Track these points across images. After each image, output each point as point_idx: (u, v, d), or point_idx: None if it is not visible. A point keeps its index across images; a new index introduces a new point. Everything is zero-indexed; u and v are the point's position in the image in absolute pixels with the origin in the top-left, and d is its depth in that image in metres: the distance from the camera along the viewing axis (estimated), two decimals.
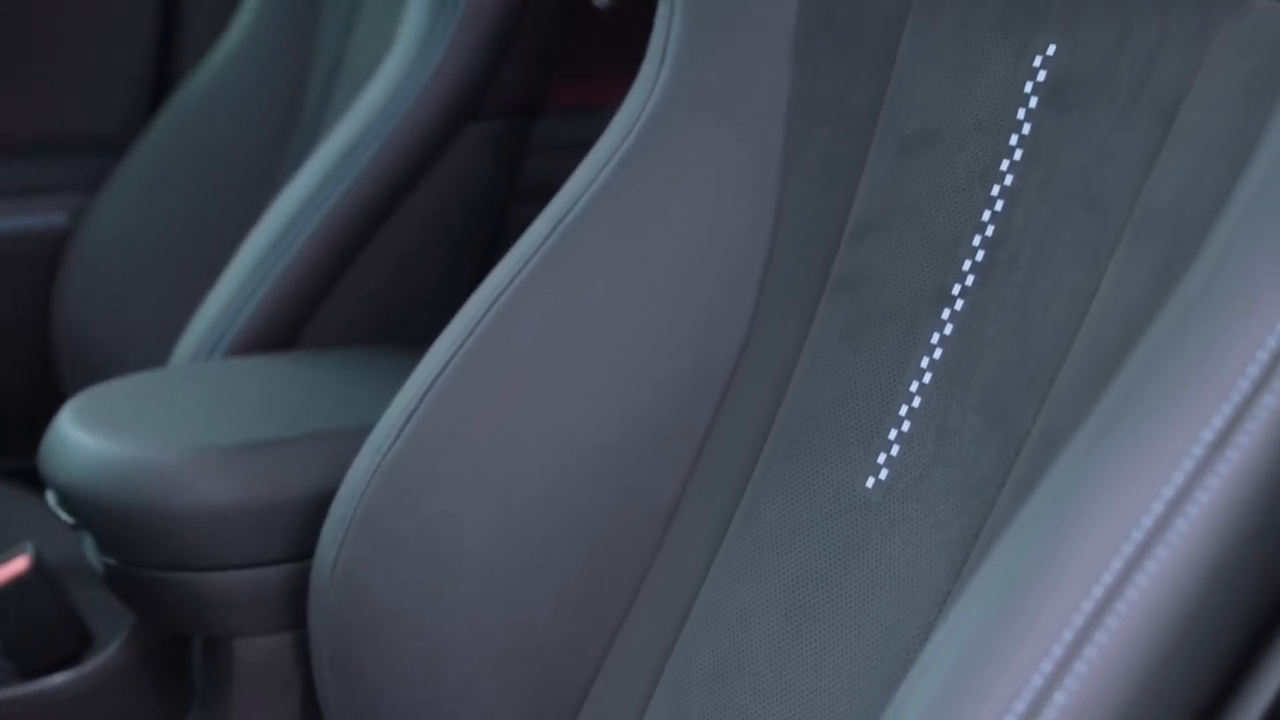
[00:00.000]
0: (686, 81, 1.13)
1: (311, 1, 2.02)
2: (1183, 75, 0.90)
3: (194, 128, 2.06)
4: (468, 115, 1.63)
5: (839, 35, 1.10)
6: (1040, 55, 0.99)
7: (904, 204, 1.04)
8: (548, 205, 1.16)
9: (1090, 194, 0.93)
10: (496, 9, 1.61)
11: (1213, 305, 0.74)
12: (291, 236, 1.61)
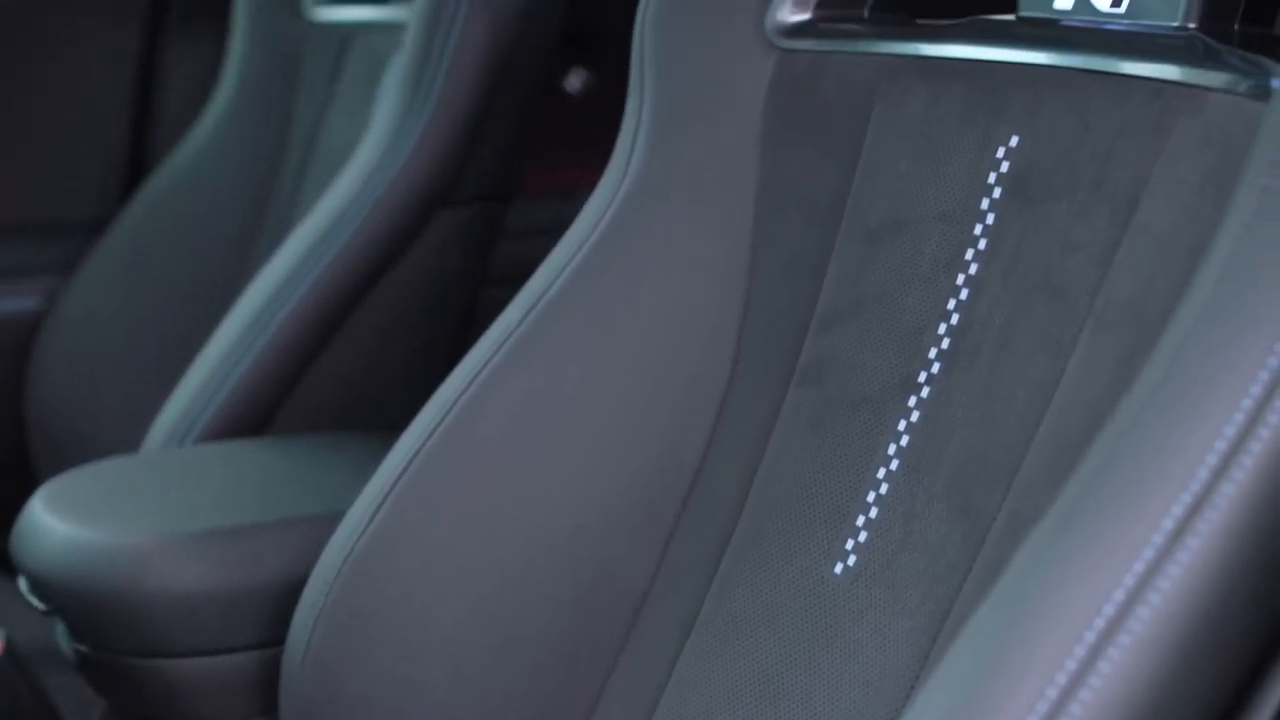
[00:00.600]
0: (657, 170, 1.15)
1: (286, 87, 2.03)
2: (1142, 167, 0.92)
3: (168, 211, 2.07)
4: (440, 201, 1.64)
5: (805, 126, 1.11)
6: (1003, 146, 1.00)
7: (870, 293, 1.06)
8: (521, 291, 1.17)
9: (1052, 285, 0.95)
10: (469, 96, 1.63)
11: (1172, 395, 0.75)
12: (265, 322, 1.61)
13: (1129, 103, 0.94)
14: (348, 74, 1.96)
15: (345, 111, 1.94)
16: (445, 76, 1.61)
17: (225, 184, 2.04)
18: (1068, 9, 1.02)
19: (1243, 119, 0.86)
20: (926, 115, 1.05)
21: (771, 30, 1.13)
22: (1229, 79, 0.89)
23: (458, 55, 1.61)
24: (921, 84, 1.06)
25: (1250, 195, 0.77)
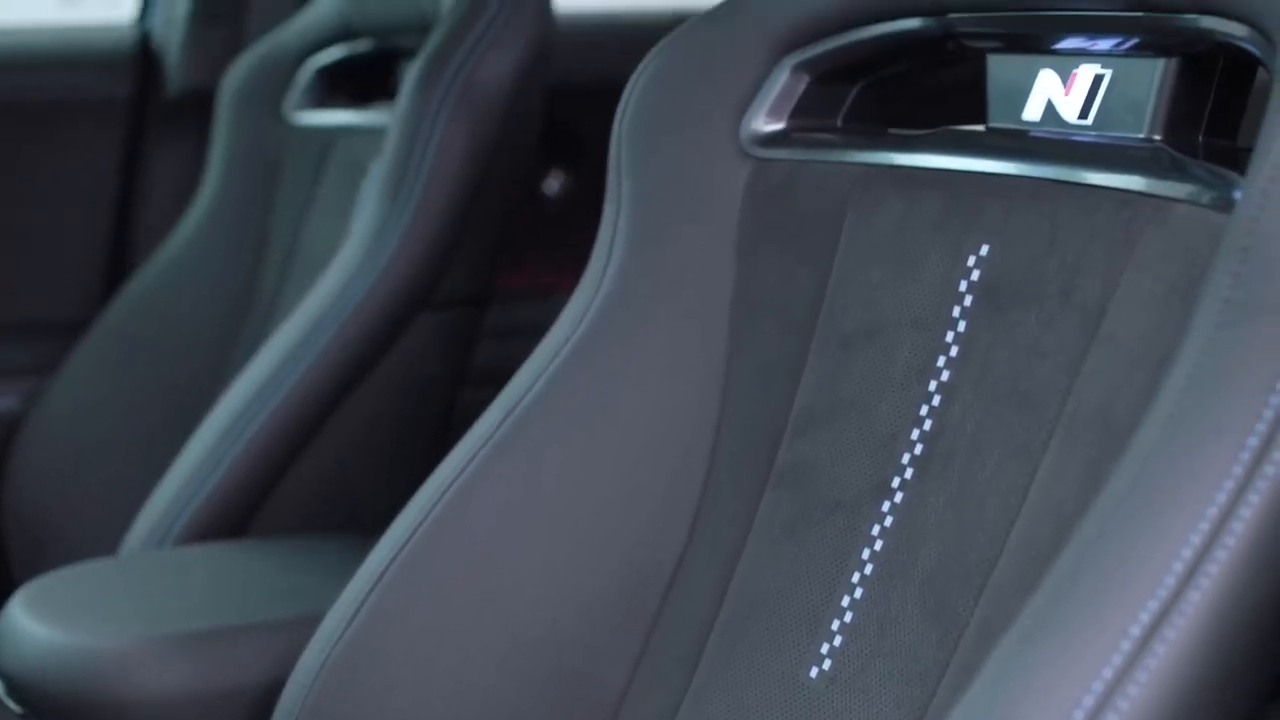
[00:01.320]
0: (634, 275, 1.16)
1: (267, 190, 2.05)
2: (1109, 278, 0.93)
3: (149, 313, 2.08)
4: (420, 305, 1.65)
5: (780, 233, 1.13)
6: (974, 255, 1.02)
7: (845, 398, 1.07)
8: (499, 395, 1.18)
9: (1022, 392, 0.96)
10: (449, 202, 1.64)
11: (1138, 505, 0.76)
12: (244, 424, 1.62)
13: (1097, 213, 0.96)
14: (328, 178, 1.98)
15: (326, 215, 1.96)
16: (425, 182, 1.63)
17: (206, 286, 2.05)
18: (1036, 120, 1.04)
19: (1206, 230, 0.88)
20: (899, 224, 1.07)
21: (746, 139, 1.15)
22: (1193, 190, 0.91)
23: (438, 161, 1.63)
24: (894, 193, 1.08)
25: (1213, 307, 0.79)
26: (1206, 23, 0.91)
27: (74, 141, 2.30)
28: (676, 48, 1.18)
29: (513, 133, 1.69)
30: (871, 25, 1.11)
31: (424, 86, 1.65)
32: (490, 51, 1.66)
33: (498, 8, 1.68)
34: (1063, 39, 1.01)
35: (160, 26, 2.37)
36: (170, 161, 2.31)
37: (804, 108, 1.15)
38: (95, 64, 2.33)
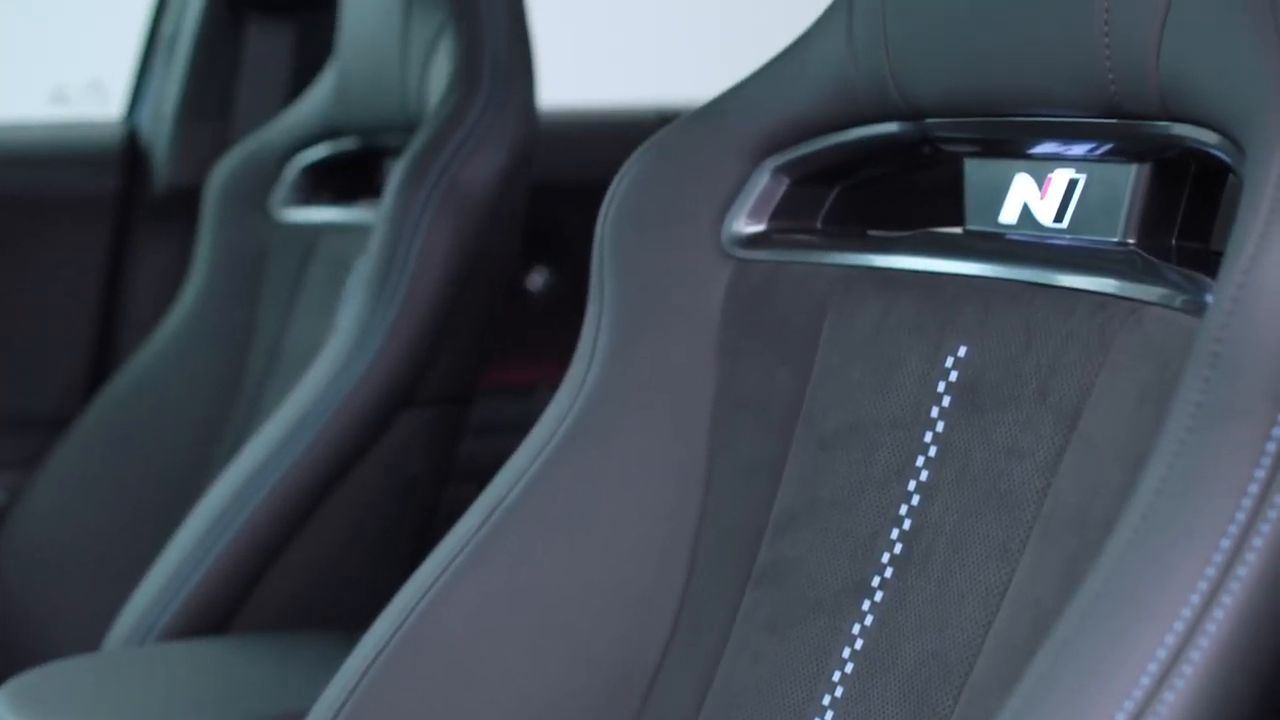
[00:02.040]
0: (616, 375, 1.18)
1: (251, 287, 2.07)
2: (1085, 378, 0.95)
3: (133, 409, 2.09)
4: (403, 403, 1.66)
5: (761, 334, 1.14)
6: (952, 356, 1.03)
7: (825, 497, 1.08)
8: (482, 494, 1.19)
9: (1000, 491, 0.97)
10: (434, 300, 1.66)
11: (1114, 604, 0.77)
12: (227, 522, 1.63)
13: (1073, 315, 0.97)
14: (313, 275, 1.99)
15: (310, 312, 1.97)
16: (410, 280, 1.64)
17: (191, 382, 2.06)
18: (1013, 223, 1.05)
19: (1179, 334, 0.89)
20: (878, 325, 1.08)
21: (728, 241, 1.17)
22: (1166, 294, 0.92)
23: (422, 259, 1.65)
24: (873, 294, 1.09)
25: (1185, 410, 0.80)
26: (1178, 130, 0.93)
27: (60, 237, 2.31)
28: (659, 150, 1.19)
29: (497, 231, 1.71)
30: (850, 129, 1.13)
31: (409, 186, 1.67)
32: (475, 151, 1.68)
33: (482, 108, 1.70)
34: (1038, 144, 1.03)
35: (148, 123, 2.39)
36: (156, 257, 2.33)
37: (784, 209, 1.17)
38: (83, 160, 2.35)
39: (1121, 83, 0.93)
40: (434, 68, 1.77)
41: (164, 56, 2.40)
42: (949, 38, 1.02)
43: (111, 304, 2.32)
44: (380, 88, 1.88)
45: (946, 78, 1.04)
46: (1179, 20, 0.90)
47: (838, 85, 1.11)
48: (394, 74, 1.85)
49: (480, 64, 1.72)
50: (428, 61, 1.78)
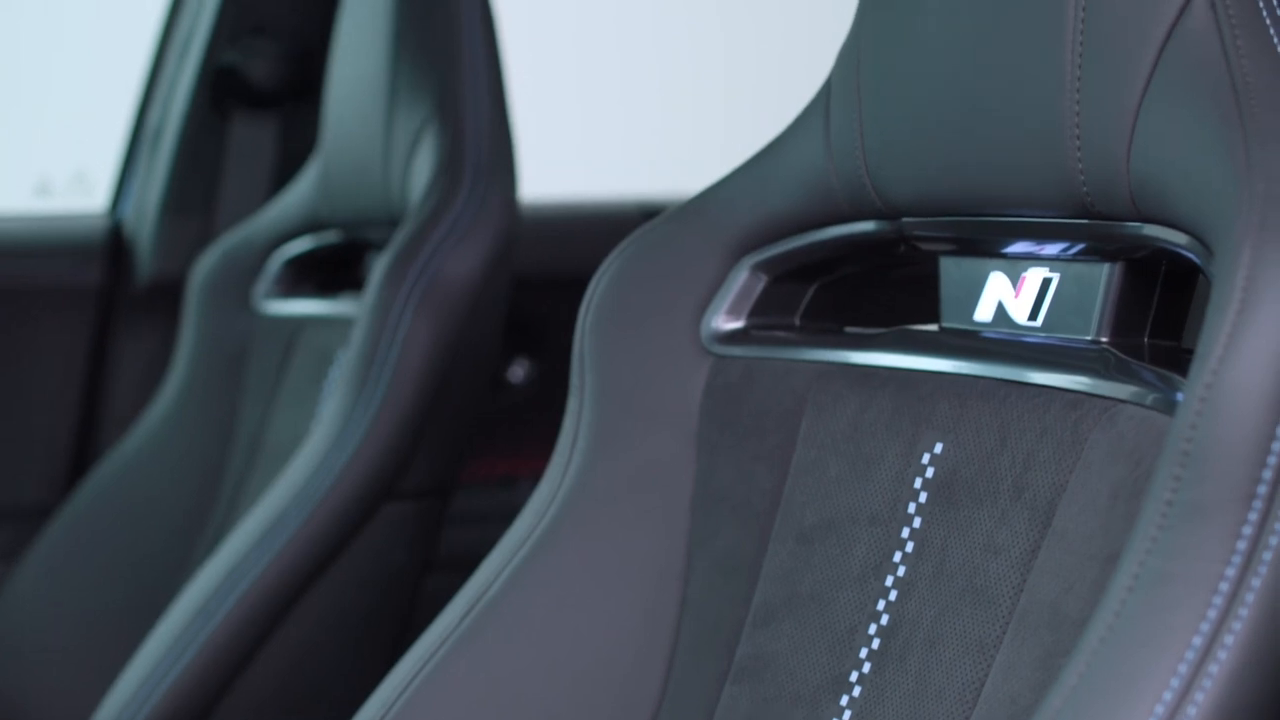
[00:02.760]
0: (596, 470, 1.19)
1: (233, 379, 2.07)
2: (1059, 475, 0.96)
3: (113, 502, 2.09)
4: (385, 496, 1.67)
5: (739, 429, 1.16)
6: (928, 453, 1.04)
7: (803, 592, 1.09)
8: (463, 588, 1.19)
9: (976, 587, 0.98)
10: (415, 393, 1.66)
11: (1089, 699, 0.78)
12: (209, 613, 1.63)
13: (1047, 413, 0.98)
14: (295, 367, 2.00)
15: (292, 404, 1.98)
16: (392, 373, 1.65)
17: (172, 474, 2.07)
18: (988, 321, 1.07)
19: (1150, 432, 0.91)
20: (855, 421, 1.09)
21: (707, 337, 1.19)
22: (1138, 392, 0.94)
23: (404, 353, 1.66)
24: (850, 391, 1.10)
25: (1155, 509, 0.81)
26: (1149, 230, 0.95)
27: (44, 328, 2.32)
28: (639, 247, 1.21)
29: (479, 324, 1.72)
30: (828, 228, 1.14)
31: (392, 279, 1.68)
32: (457, 246, 1.69)
33: (464, 203, 1.71)
34: (1012, 243, 1.05)
35: (132, 215, 2.40)
36: (138, 349, 2.34)
37: (763, 306, 1.19)
38: (66, 252, 2.36)
39: (1093, 184, 0.95)
40: (417, 162, 1.79)
41: (148, 149, 2.41)
42: (924, 139, 1.04)
43: (94, 395, 2.33)
44: (363, 182, 1.90)
45: (922, 178, 1.06)
46: (1148, 124, 0.92)
47: (815, 184, 1.13)
48: (377, 168, 1.86)
49: (463, 159, 1.74)
50: (411, 156, 1.80)
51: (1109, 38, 0.94)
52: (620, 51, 3.66)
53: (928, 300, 1.12)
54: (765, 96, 3.22)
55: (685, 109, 3.64)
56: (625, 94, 3.64)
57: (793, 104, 1.20)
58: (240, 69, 2.34)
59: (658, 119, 3.61)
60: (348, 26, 1.96)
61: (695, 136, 3.49)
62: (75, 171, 2.65)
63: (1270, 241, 0.82)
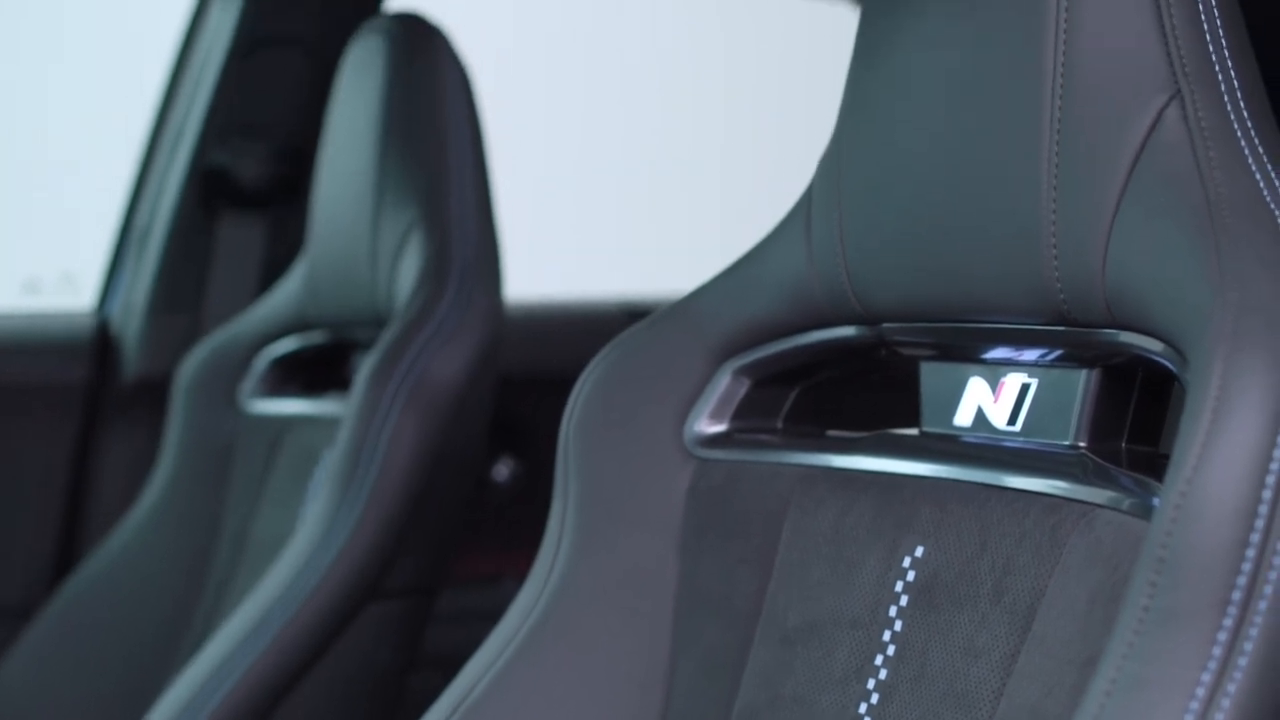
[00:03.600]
0: (580, 572, 1.19)
1: (219, 477, 2.08)
2: (1038, 580, 0.97)
3: (98, 599, 2.09)
4: (369, 596, 1.67)
5: (723, 532, 1.17)
6: (909, 556, 1.06)
7: (786, 694, 1.09)
8: (446, 689, 1.20)
9: (957, 691, 0.99)
10: (401, 492, 1.67)
11: None
12: (194, 711, 1.63)
13: (1026, 517, 0.99)
14: (280, 466, 2.01)
15: (277, 504, 1.98)
16: (377, 473, 1.66)
17: (156, 573, 2.07)
18: (967, 425, 1.08)
19: (1128, 537, 0.92)
20: (837, 525, 1.10)
21: (690, 441, 1.20)
22: (1115, 497, 0.95)
23: (390, 453, 1.67)
24: (832, 495, 1.12)
25: (1133, 614, 0.82)
26: (1125, 338, 0.96)
27: (29, 425, 2.32)
28: (623, 351, 1.22)
29: (464, 424, 1.73)
30: (809, 332, 1.16)
31: (378, 380, 1.69)
32: (443, 347, 1.70)
33: (450, 304, 1.73)
34: (991, 349, 1.06)
35: (119, 314, 2.41)
36: (124, 447, 2.34)
37: (746, 410, 1.20)
38: (53, 350, 2.37)
39: (1069, 293, 0.97)
40: (404, 263, 1.81)
41: (136, 248, 2.43)
42: (903, 246, 1.06)
43: (79, 493, 2.33)
44: (350, 282, 1.91)
45: (902, 284, 1.07)
46: (1123, 233, 0.94)
47: (797, 290, 1.15)
48: (364, 269, 1.88)
49: (449, 261, 1.76)
50: (397, 257, 1.82)
51: (1084, 148, 0.96)
52: (605, 152, 3.69)
53: (908, 402, 1.14)
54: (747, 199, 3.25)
55: (669, 209, 3.67)
56: (610, 194, 3.67)
57: (774, 205, 1.22)
58: (229, 169, 2.36)
59: (642, 219, 3.64)
60: (336, 128, 1.98)
61: (678, 237, 3.52)
62: (63, 270, 2.66)
63: (1243, 351, 0.83)
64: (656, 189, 3.71)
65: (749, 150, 3.76)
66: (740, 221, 1.40)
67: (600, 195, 3.67)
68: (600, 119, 3.72)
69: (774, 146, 3.41)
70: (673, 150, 3.73)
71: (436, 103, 1.85)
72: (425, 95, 1.86)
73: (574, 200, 3.63)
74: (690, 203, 3.70)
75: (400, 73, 1.87)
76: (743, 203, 3.44)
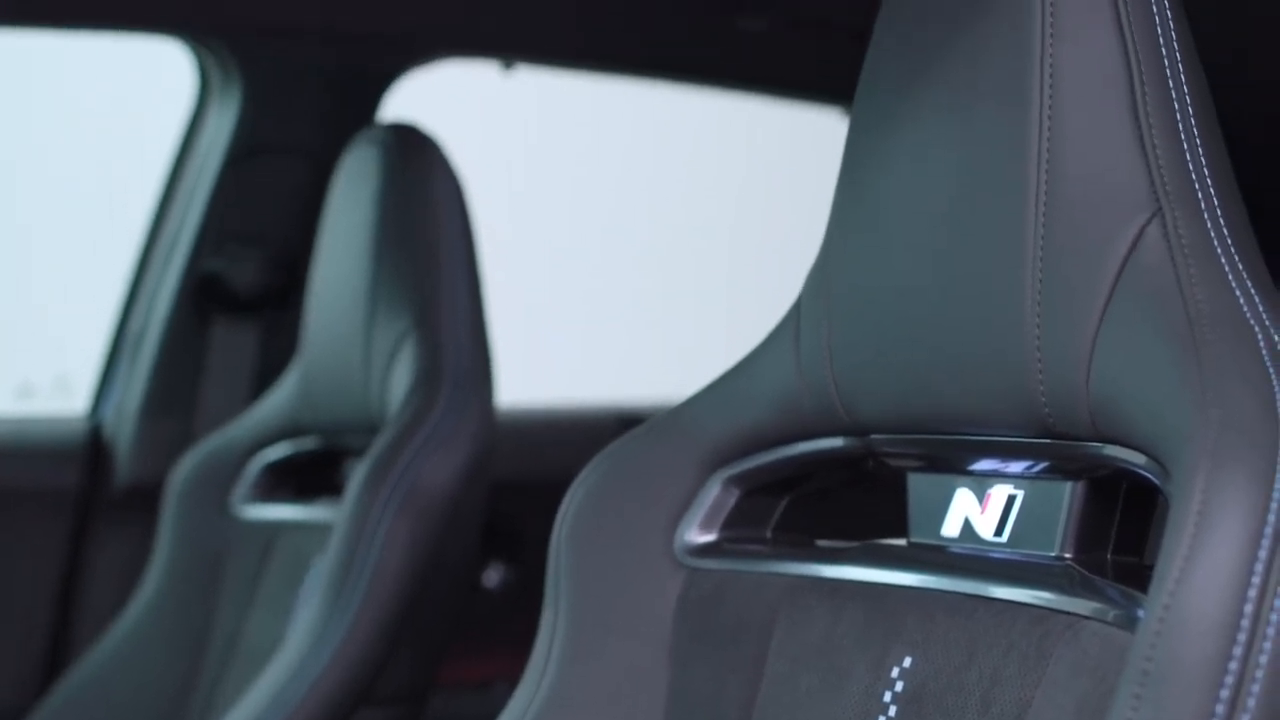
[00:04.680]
0: (571, 680, 1.20)
1: (210, 582, 2.08)
2: (1024, 691, 0.98)
3: (89, 701, 2.08)
4: (360, 702, 1.67)
5: (713, 640, 1.17)
6: (898, 666, 1.06)
7: None
8: None
9: None
10: (392, 599, 1.68)
11: None
12: None
13: (1013, 628, 1.00)
14: (271, 572, 2.01)
15: (268, 609, 1.98)
16: (369, 580, 1.67)
17: (147, 678, 2.06)
18: (955, 536, 1.09)
19: (1113, 648, 0.93)
20: (826, 635, 1.11)
21: (680, 550, 1.21)
22: (1100, 608, 0.96)
23: (382, 560, 1.67)
24: (821, 605, 1.12)
25: None
26: (1109, 451, 0.98)
27: (21, 529, 2.32)
28: (614, 461, 1.23)
29: (456, 531, 1.74)
30: (798, 443, 1.17)
31: (371, 487, 1.70)
32: (435, 454, 1.72)
33: (443, 412, 1.74)
34: (978, 460, 1.07)
35: (112, 418, 2.42)
36: (115, 551, 2.34)
37: (735, 519, 1.21)
38: (46, 454, 2.37)
39: (1054, 406, 0.98)
40: (397, 370, 1.82)
41: (130, 353, 2.44)
42: (891, 359, 1.07)
43: (70, 596, 2.33)
44: (343, 389, 1.93)
45: (889, 396, 1.09)
46: (1106, 349, 0.95)
47: (786, 401, 1.16)
48: (357, 376, 1.89)
49: (441, 369, 1.77)
50: (391, 364, 1.83)
51: (1067, 264, 0.97)
52: (598, 260, 3.71)
53: (896, 512, 1.15)
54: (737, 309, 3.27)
55: (662, 316, 3.69)
56: (603, 301, 3.69)
57: (763, 315, 1.24)
58: (224, 275, 2.37)
59: (635, 326, 3.66)
60: (330, 235, 2.00)
61: (669, 344, 3.54)
62: (57, 374, 2.67)
63: (1224, 467, 0.84)
64: (650, 297, 3.73)
65: (740, 258, 3.79)
66: (731, 328, 1.41)
67: (593, 302, 3.69)
68: (593, 227, 3.75)
69: (764, 255, 3.44)
70: (665, 259, 3.75)
71: (430, 212, 1.87)
72: (419, 204, 1.88)
73: (567, 306, 3.65)
74: (682, 310, 3.72)
75: (395, 182, 1.90)
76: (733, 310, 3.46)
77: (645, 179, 3.80)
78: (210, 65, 2.32)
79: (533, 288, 3.42)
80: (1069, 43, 0.99)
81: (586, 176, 3.74)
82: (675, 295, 3.74)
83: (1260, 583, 0.82)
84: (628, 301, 3.72)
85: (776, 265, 1.97)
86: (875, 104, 1.10)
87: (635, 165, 3.80)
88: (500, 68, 2.38)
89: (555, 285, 3.62)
